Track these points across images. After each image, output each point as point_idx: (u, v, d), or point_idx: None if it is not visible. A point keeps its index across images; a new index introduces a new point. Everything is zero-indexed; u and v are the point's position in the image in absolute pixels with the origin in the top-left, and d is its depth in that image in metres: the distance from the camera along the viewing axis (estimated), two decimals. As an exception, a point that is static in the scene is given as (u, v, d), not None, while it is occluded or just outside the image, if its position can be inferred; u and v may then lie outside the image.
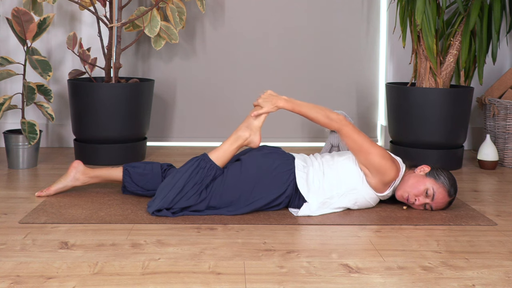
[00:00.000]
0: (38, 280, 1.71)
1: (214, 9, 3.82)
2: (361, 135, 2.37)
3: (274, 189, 2.36)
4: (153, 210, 2.30)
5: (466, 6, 3.24)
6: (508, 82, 3.47)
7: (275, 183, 2.36)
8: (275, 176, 2.37)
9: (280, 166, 2.39)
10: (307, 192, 2.37)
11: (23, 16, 2.98)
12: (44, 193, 2.56)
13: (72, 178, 2.58)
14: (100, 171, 2.60)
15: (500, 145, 3.39)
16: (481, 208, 2.55)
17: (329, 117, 2.39)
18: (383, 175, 2.36)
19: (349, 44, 3.90)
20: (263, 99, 2.43)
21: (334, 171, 2.40)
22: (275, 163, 2.39)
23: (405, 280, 1.76)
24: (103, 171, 2.60)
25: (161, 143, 3.88)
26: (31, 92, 3.04)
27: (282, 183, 2.37)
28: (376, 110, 3.98)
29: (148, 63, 3.82)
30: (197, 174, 2.31)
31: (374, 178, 2.37)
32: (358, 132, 2.38)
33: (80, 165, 2.59)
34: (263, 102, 2.41)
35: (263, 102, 2.41)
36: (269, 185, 2.36)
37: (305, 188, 2.37)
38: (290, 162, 2.41)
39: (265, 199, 2.36)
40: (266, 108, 2.40)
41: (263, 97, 2.43)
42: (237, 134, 2.40)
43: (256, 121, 2.42)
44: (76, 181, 2.58)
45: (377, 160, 2.33)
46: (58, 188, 2.57)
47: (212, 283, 1.71)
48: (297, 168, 2.39)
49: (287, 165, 2.40)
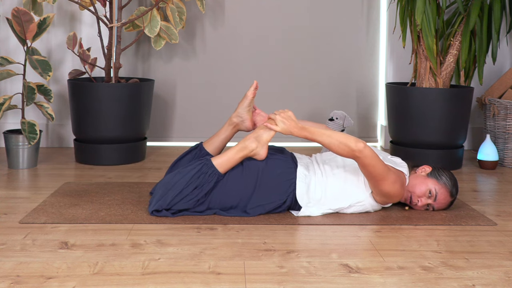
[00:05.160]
0: (38, 280, 1.71)
1: (214, 9, 3.82)
2: (378, 164, 2.23)
3: (274, 197, 2.34)
4: (152, 210, 2.30)
5: (466, 6, 3.24)
6: (508, 82, 3.47)
7: (275, 191, 2.34)
8: (276, 184, 2.34)
9: (282, 174, 2.35)
10: (306, 203, 2.35)
11: (23, 16, 2.98)
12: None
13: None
14: None
15: (500, 145, 3.39)
16: (481, 208, 2.55)
17: (347, 145, 2.21)
18: (388, 198, 2.35)
19: (349, 44, 3.90)
20: (281, 119, 2.30)
21: (338, 183, 2.36)
22: (277, 170, 2.36)
23: (405, 280, 1.76)
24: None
25: (161, 143, 3.88)
26: (31, 92, 3.04)
27: (283, 192, 2.35)
28: (376, 110, 3.98)
29: (148, 63, 3.82)
30: (198, 179, 2.28)
31: (380, 198, 2.36)
32: (377, 161, 2.23)
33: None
34: (279, 121, 2.29)
35: (280, 122, 2.29)
36: (269, 193, 2.34)
37: (305, 199, 2.35)
38: (292, 171, 2.36)
39: (264, 207, 2.34)
40: (279, 128, 2.29)
41: (282, 116, 2.30)
42: (245, 143, 2.35)
43: (265, 135, 2.35)
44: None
45: (387, 189, 2.29)
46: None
47: (212, 283, 1.71)
48: (299, 179, 2.35)
49: (289, 174, 2.35)
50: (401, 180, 2.35)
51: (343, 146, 2.22)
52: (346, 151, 2.22)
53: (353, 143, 2.21)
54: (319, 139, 2.26)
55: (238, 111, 2.57)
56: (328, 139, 2.24)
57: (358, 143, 2.21)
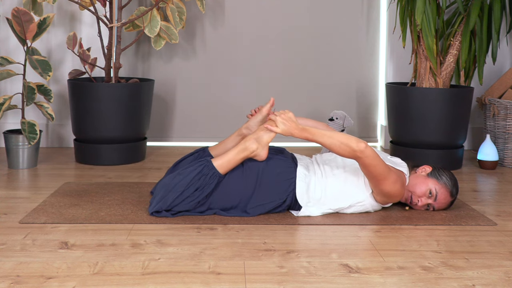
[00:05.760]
0: (38, 280, 1.71)
1: (214, 9, 3.82)
2: (379, 165, 2.23)
3: (274, 196, 2.34)
4: (152, 211, 2.30)
5: (466, 6, 3.24)
6: (508, 82, 3.47)
7: (275, 190, 2.34)
8: (276, 183, 2.34)
9: (282, 174, 2.35)
10: (306, 202, 2.35)
11: (23, 16, 2.98)
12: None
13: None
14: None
15: (500, 145, 3.39)
16: (481, 208, 2.55)
17: (348, 145, 2.21)
18: (389, 198, 2.35)
19: (349, 44, 3.90)
20: (281, 120, 2.29)
21: (339, 183, 2.37)
22: (277, 170, 2.36)
23: (405, 280, 1.76)
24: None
25: (161, 143, 3.88)
26: (31, 92, 3.04)
27: (283, 191, 2.35)
28: (376, 110, 3.98)
29: (148, 63, 3.82)
30: (199, 181, 2.28)
31: (381, 198, 2.36)
32: (378, 161, 2.22)
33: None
34: (280, 123, 2.29)
35: (280, 123, 2.29)
36: (269, 192, 2.34)
37: (305, 199, 2.36)
38: (292, 171, 2.37)
39: (264, 207, 2.34)
40: (280, 129, 2.29)
41: (282, 118, 2.29)
42: (245, 144, 2.35)
43: (266, 136, 2.35)
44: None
45: (388, 188, 2.30)
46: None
47: (212, 283, 1.71)
48: (299, 178, 2.36)
49: (289, 173, 2.36)
50: (402, 180, 2.35)
51: (344, 146, 2.22)
52: (348, 152, 2.22)
53: (354, 144, 2.20)
54: (320, 140, 2.26)
55: (250, 123, 2.57)
56: (329, 140, 2.24)
57: (360, 143, 2.20)
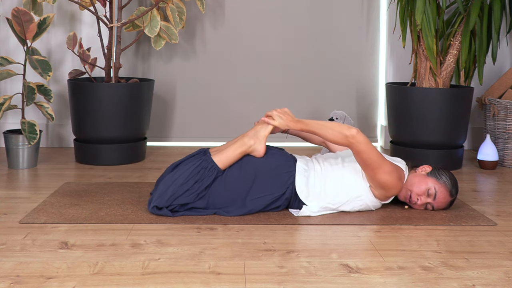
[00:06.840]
0: (38, 280, 1.71)
1: (214, 9, 3.82)
2: (372, 151, 2.28)
3: (273, 189, 2.36)
4: (152, 206, 2.30)
5: (466, 6, 3.24)
6: (508, 82, 3.47)
7: (274, 183, 2.36)
8: (274, 176, 2.36)
9: (281, 167, 2.38)
10: (306, 196, 2.36)
11: (23, 16, 2.98)
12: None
13: None
14: None
15: (500, 145, 3.39)
16: (481, 208, 2.55)
17: (340, 132, 2.29)
18: (386, 190, 2.36)
19: (349, 44, 3.90)
20: (278, 114, 2.39)
21: (337, 178, 2.38)
22: (275, 163, 2.39)
23: (405, 280, 1.76)
24: None
25: (161, 143, 3.88)
26: (31, 92, 3.04)
27: (282, 184, 2.36)
28: (376, 110, 3.98)
29: (148, 63, 3.82)
30: (198, 173, 2.31)
31: (378, 191, 2.37)
32: (371, 148, 2.28)
33: None
34: (276, 116, 2.38)
35: (276, 116, 2.38)
36: (268, 185, 2.36)
37: (304, 192, 2.37)
38: (291, 164, 2.40)
39: (263, 199, 2.35)
40: (276, 122, 2.38)
41: (279, 112, 2.39)
42: (243, 140, 2.39)
43: (262, 130, 2.40)
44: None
45: (383, 178, 2.31)
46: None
47: (212, 283, 1.71)
48: (298, 172, 2.38)
49: (288, 167, 2.39)
50: (398, 173, 2.37)
51: (336, 133, 2.29)
52: (340, 138, 2.29)
53: (346, 129, 2.29)
54: (314, 129, 2.34)
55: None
56: (322, 128, 2.33)
57: (351, 129, 2.29)
